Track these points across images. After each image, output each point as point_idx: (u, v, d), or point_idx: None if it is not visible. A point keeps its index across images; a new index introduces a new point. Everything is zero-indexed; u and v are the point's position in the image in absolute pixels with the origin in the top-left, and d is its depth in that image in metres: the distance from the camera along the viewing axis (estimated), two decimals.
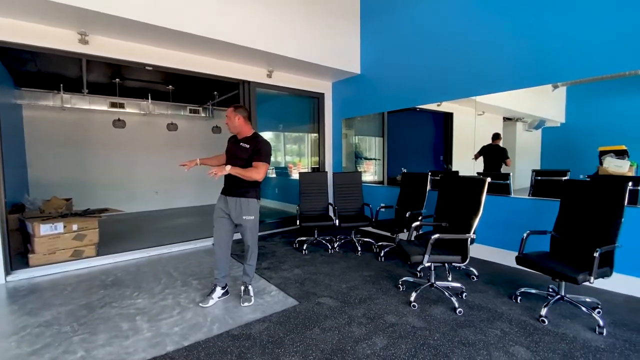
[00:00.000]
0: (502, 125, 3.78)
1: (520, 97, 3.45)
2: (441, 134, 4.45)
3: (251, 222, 2.60)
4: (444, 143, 4.40)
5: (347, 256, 3.85)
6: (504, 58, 3.46)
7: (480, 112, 3.84)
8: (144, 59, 3.74)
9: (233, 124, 2.58)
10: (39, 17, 2.96)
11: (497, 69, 3.52)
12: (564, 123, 3.26)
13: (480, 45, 3.65)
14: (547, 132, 3.46)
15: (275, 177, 7.40)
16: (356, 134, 5.56)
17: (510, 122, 3.76)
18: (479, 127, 3.87)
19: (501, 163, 3.76)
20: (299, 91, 5.29)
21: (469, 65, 3.77)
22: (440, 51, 4.04)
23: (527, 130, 3.65)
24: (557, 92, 3.24)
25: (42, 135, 5.75)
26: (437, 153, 4.51)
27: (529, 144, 3.58)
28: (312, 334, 2.19)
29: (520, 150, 3.68)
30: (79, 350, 2.02)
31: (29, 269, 3.31)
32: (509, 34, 3.42)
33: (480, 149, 3.86)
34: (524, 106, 3.58)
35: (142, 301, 2.72)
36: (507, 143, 3.73)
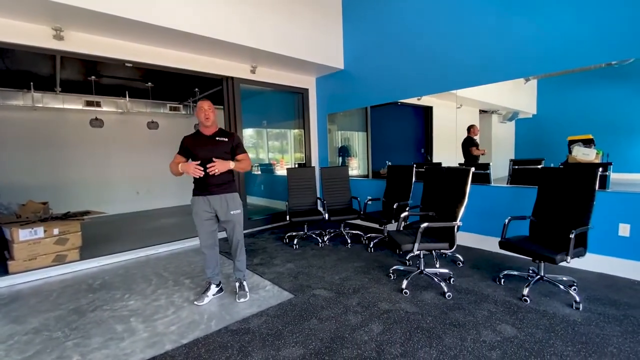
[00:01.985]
0: (478, 117, 3.95)
1: (495, 90, 3.61)
2: (422, 128, 4.58)
3: (239, 215, 2.62)
4: (424, 136, 4.54)
5: (337, 249, 3.92)
6: (478, 53, 3.61)
7: (459, 105, 3.99)
8: (123, 55, 3.62)
9: (215, 116, 2.54)
10: (8, 11, 2.80)
11: (472, 64, 3.67)
12: (535, 114, 3.45)
13: (457, 41, 3.78)
14: (520, 124, 3.65)
15: (260, 173, 7.36)
16: (339, 129, 5.62)
17: (486, 115, 3.93)
18: (459, 120, 4.02)
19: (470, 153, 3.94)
20: (283, 87, 5.27)
21: (446, 60, 3.90)
22: (420, 47, 4.15)
23: (501, 122, 3.83)
24: (529, 85, 3.41)
25: (12, 136, 5.45)
26: (419, 146, 4.65)
27: (504, 135, 3.77)
28: (310, 324, 2.24)
29: (497, 141, 3.86)
30: (73, 355, 1.98)
31: (9, 277, 3.17)
32: (483, 30, 3.56)
33: (462, 143, 4.01)
34: (499, 99, 3.75)
35: (135, 302, 2.68)
36: (484, 134, 3.90)
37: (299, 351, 1.94)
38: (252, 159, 7.28)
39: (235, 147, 2.57)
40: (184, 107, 7.12)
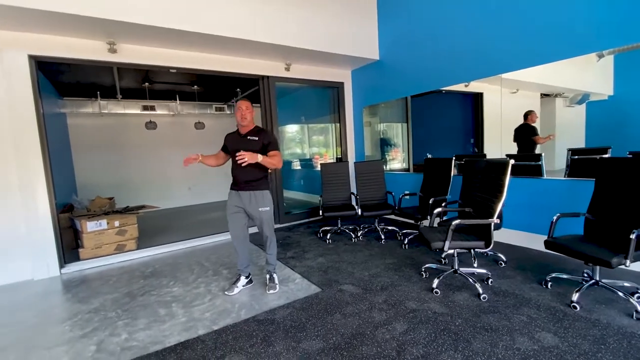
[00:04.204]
0: (539, 102, 3.54)
1: (559, 70, 3.16)
2: (471, 116, 4.25)
3: (267, 213, 2.69)
4: (474, 125, 4.21)
5: (370, 244, 3.87)
6: (535, 29, 3.22)
7: (514, 89, 3.62)
8: (168, 62, 3.93)
9: (252, 116, 2.67)
10: (71, 30, 3.20)
11: (528, 41, 3.28)
12: (612, 96, 2.98)
13: (508, 17, 3.42)
14: (592, 107, 3.16)
15: (300, 168, 7.50)
16: (381, 121, 5.47)
17: (548, 99, 3.49)
18: (513, 106, 3.64)
19: (532, 143, 3.55)
20: (318, 82, 5.29)
21: (496, 40, 3.55)
22: (460, 28, 3.86)
23: (568, 106, 3.39)
24: (602, 62, 2.94)
25: (85, 140, 6.25)
26: (467, 136, 4.32)
27: (571, 121, 3.32)
28: (333, 319, 2.26)
29: (562, 128, 3.40)
30: (122, 333, 2.24)
31: (80, 262, 3.67)
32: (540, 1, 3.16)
33: (514, 131, 3.65)
34: (564, 80, 3.28)
35: (178, 289, 2.93)
36: (546, 121, 3.47)
37: (318, 344, 1.97)
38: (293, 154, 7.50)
39: (267, 145, 2.63)
40: (228, 107, 7.51)
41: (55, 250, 3.41)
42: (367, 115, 5.53)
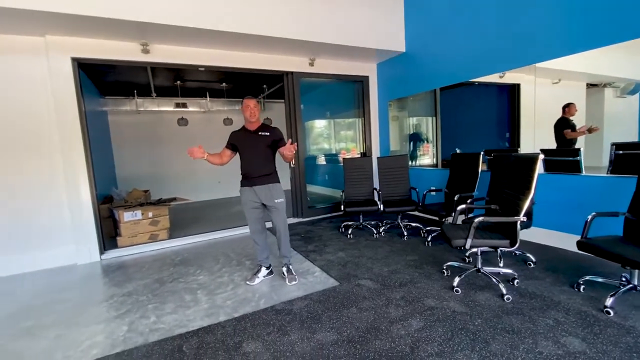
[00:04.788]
0: (584, 93, 3.26)
1: (608, 57, 2.89)
2: (506, 109, 4.02)
3: (282, 204, 2.77)
4: (509, 118, 3.99)
5: (392, 241, 3.82)
6: (578, 11, 2.97)
7: (555, 80, 3.38)
8: (197, 61, 4.09)
9: (259, 112, 2.74)
10: (108, 34, 3.43)
11: (569, 25, 3.04)
12: None
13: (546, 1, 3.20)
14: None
15: (325, 163, 7.53)
16: (409, 115, 5.34)
17: (596, 89, 3.21)
18: (554, 98, 3.39)
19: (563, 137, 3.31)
20: (343, 76, 5.26)
21: (531, 26, 3.33)
22: (495, 13, 3.65)
23: (619, 96, 3.10)
24: None
25: (124, 136, 6.69)
26: (502, 131, 4.10)
27: (622, 113, 3.03)
28: (348, 312, 2.27)
29: (611, 121, 3.10)
30: (151, 316, 2.40)
31: (117, 250, 3.96)
32: None
33: (554, 125, 3.41)
34: (614, 68, 2.98)
35: (203, 277, 3.08)
36: (593, 114, 3.18)
37: (332, 336, 2.00)
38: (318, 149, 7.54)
39: (278, 141, 2.72)
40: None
41: (95, 238, 3.70)
42: (394, 110, 5.43)
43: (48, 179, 3.51)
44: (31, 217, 3.47)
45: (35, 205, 3.48)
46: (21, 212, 3.43)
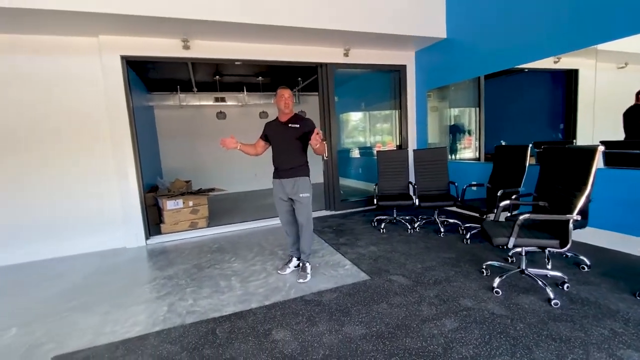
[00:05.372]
0: None
1: None
2: (562, 98, 3.64)
3: (306, 199, 2.71)
4: (564, 108, 3.62)
5: (427, 237, 3.67)
6: None
7: (621, 64, 3.00)
8: (233, 55, 4.20)
9: (292, 103, 2.70)
10: (153, 32, 3.62)
11: None
12: None
13: None
14: None
15: (359, 156, 7.43)
16: (450, 105, 5.05)
17: None
18: (620, 84, 3.01)
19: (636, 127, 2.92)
20: (379, 66, 5.11)
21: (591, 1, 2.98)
22: None
23: None
24: None
25: (168, 130, 7.10)
26: (555, 121, 3.73)
27: None
28: (379, 307, 2.22)
29: None
30: (189, 299, 2.53)
31: (161, 236, 4.23)
32: None
33: (623, 115, 3.03)
34: None
35: (237, 265, 3.19)
36: None
37: (361, 330, 1.97)
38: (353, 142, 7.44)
39: (308, 133, 2.64)
40: None
41: (142, 224, 3.99)
42: (433, 100, 5.17)
43: (101, 170, 3.82)
44: (87, 204, 3.81)
45: (91, 193, 3.81)
46: (79, 200, 3.78)
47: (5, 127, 3.48)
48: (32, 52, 3.48)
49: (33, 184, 3.61)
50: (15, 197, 3.56)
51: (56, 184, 3.69)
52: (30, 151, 3.58)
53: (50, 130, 3.62)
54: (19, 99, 3.50)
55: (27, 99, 3.52)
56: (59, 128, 3.65)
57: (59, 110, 3.64)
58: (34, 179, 3.61)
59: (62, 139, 3.67)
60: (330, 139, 4.89)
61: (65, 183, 3.72)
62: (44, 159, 3.63)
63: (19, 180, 3.56)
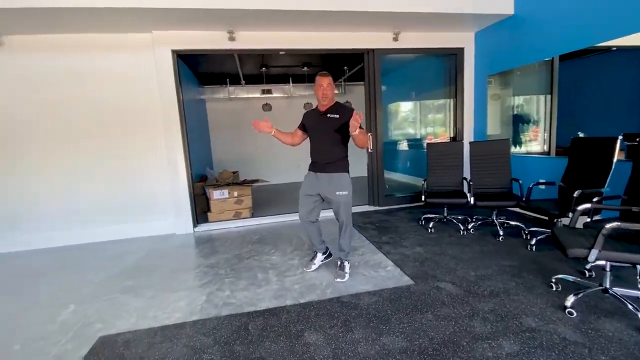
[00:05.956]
0: None
1: None
2: None
3: (345, 197, 2.50)
4: None
5: (483, 240, 3.29)
6: None
7: None
8: (278, 45, 4.13)
9: (333, 93, 2.50)
10: (200, 24, 3.67)
11: None
12: None
13: None
14: None
15: (408, 149, 7.01)
16: (514, 93, 4.45)
17: None
18: None
19: None
20: (432, 50, 4.68)
21: None
22: None
23: None
24: None
25: (218, 122, 7.37)
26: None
27: None
28: (423, 318, 1.99)
29: None
30: (226, 290, 2.54)
31: (208, 224, 4.39)
32: None
33: None
34: None
35: (276, 258, 3.15)
36: None
37: (401, 343, 1.77)
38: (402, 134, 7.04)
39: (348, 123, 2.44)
40: (337, 87, 7.56)
41: (190, 213, 4.16)
42: (494, 87, 4.61)
43: (155, 160, 4.04)
44: (142, 192, 4.08)
45: (146, 182, 4.07)
46: (135, 187, 4.05)
47: (68, 120, 3.82)
48: (96, 50, 3.76)
49: (94, 172, 3.94)
50: (78, 182, 3.92)
51: (115, 172, 3.99)
52: (91, 142, 3.89)
53: (109, 123, 3.91)
54: (82, 94, 3.81)
55: (89, 94, 3.82)
56: (117, 121, 3.92)
57: (118, 104, 3.90)
58: (96, 168, 3.94)
59: (120, 131, 3.94)
60: (375, 131, 4.62)
61: (123, 171, 4.00)
62: (104, 150, 3.93)
63: (82, 167, 3.91)
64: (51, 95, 3.74)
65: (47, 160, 3.82)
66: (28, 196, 3.83)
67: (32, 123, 3.75)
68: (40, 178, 3.83)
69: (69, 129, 3.83)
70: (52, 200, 3.88)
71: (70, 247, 3.86)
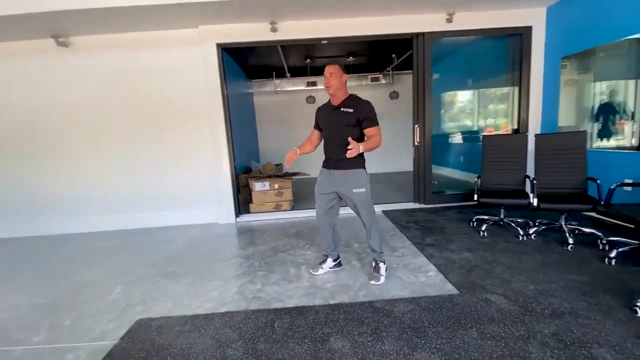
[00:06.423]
0: None
1: None
2: None
3: (363, 195, 2.30)
4: None
5: (547, 248, 2.84)
6: None
7: None
8: (320, 33, 3.99)
9: (340, 83, 2.26)
10: (243, 16, 3.68)
11: None
12: None
13: None
14: None
15: (462, 142, 6.43)
16: (595, 78, 3.77)
17: None
18: None
19: None
20: (492, 31, 4.15)
21: None
22: None
23: None
24: None
25: (265, 115, 7.51)
26: None
27: None
28: (465, 335, 1.75)
29: None
30: (257, 283, 2.53)
31: (249, 215, 4.48)
32: None
33: None
34: None
35: (310, 254, 3.07)
36: None
37: None
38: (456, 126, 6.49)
39: (362, 120, 2.23)
40: (384, 77, 7.20)
41: (232, 203, 4.27)
42: (570, 71, 3.95)
43: (202, 152, 4.21)
44: (189, 182, 4.28)
45: (193, 172, 4.26)
46: (182, 178, 4.27)
47: (125, 115, 4.11)
48: (146, 47, 3.97)
49: (147, 162, 4.22)
50: (134, 172, 4.23)
51: (165, 163, 4.23)
52: (145, 136, 4.16)
53: (160, 117, 4.13)
54: (137, 90, 4.07)
55: (145, 89, 4.08)
56: (167, 115, 4.13)
57: (168, 99, 4.11)
58: (150, 159, 4.22)
59: (170, 125, 4.16)
60: (424, 122, 4.28)
61: (173, 162, 4.24)
62: (156, 143, 4.18)
63: (137, 159, 4.21)
64: (112, 93, 4.07)
65: (109, 151, 4.19)
66: (95, 183, 4.25)
67: (98, 118, 4.12)
68: (103, 167, 4.22)
69: (126, 123, 4.14)
70: (115, 187, 4.26)
71: (126, 232, 4.19)
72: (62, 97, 4.06)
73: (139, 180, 4.26)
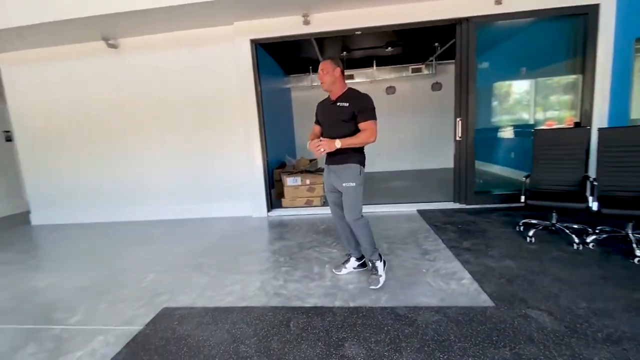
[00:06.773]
0: None
1: None
2: None
3: (351, 189, 2.22)
4: None
5: (607, 260, 2.46)
6: None
7: None
8: (354, 24, 3.84)
9: (332, 77, 2.18)
10: (276, 11, 3.67)
11: None
12: None
13: None
14: None
15: (514, 137, 5.86)
16: None
17: None
18: None
19: None
20: (551, 12, 3.68)
21: None
22: None
23: None
24: None
25: (301, 110, 7.51)
26: None
27: None
28: (497, 354, 1.56)
29: None
30: (280, 279, 2.51)
31: (281, 209, 4.51)
32: None
33: None
34: None
35: (336, 252, 2.99)
36: None
37: None
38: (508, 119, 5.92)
39: (357, 113, 2.14)
40: (426, 67, 6.80)
41: (264, 198, 4.33)
42: None
43: (237, 147, 4.31)
44: (224, 177, 4.42)
45: (229, 167, 4.39)
46: (218, 173, 4.42)
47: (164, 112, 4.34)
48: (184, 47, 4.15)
49: (187, 156, 4.43)
50: (175, 165, 4.46)
51: (202, 158, 4.41)
52: (184, 132, 4.36)
53: (197, 114, 4.30)
54: (176, 86, 4.27)
55: (184, 86, 4.26)
56: (204, 112, 4.29)
57: (205, 96, 4.26)
58: (190, 153, 4.42)
59: (207, 121, 4.31)
60: (467, 115, 3.94)
61: (210, 157, 4.40)
62: (195, 138, 4.37)
63: (178, 153, 4.44)
64: (154, 91, 4.31)
65: (152, 146, 4.46)
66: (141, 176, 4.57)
67: (143, 116, 4.40)
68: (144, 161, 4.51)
69: (166, 119, 4.37)
70: (157, 180, 4.54)
71: (171, 221, 4.44)
72: (111, 95, 4.39)
73: (178, 175, 4.49)
